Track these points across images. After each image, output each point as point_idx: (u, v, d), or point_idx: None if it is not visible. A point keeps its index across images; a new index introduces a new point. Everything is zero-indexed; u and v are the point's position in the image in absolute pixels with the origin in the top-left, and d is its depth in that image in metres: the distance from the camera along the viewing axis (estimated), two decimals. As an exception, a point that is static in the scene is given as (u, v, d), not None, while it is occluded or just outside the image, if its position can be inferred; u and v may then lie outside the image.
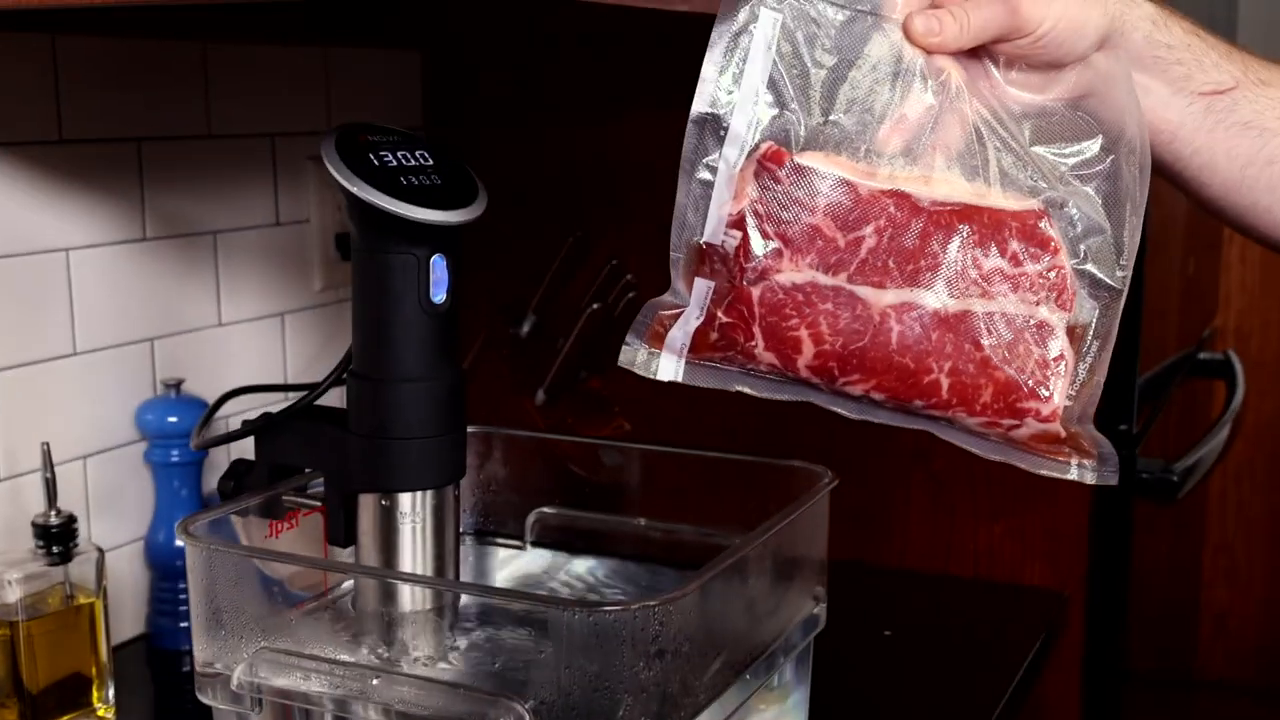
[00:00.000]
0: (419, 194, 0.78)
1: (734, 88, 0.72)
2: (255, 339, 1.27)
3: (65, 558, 0.98)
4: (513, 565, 1.00)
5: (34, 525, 0.97)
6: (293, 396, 0.94)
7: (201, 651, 0.74)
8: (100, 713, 1.01)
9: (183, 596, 1.14)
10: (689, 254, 0.72)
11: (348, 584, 0.84)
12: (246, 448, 0.88)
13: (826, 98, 0.72)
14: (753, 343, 0.71)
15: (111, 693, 1.01)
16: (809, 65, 0.72)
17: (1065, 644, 1.28)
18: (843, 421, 1.35)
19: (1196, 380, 1.87)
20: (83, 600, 0.99)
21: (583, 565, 0.99)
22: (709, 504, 0.96)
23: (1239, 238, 2.87)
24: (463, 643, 0.80)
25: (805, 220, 0.71)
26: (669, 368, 0.72)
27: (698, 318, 0.72)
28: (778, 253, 0.71)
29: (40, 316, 1.07)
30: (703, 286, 0.72)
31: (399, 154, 0.81)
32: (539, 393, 1.33)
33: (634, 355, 0.72)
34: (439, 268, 0.80)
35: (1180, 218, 1.67)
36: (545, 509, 1.00)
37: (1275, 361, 2.53)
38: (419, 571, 0.80)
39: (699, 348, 0.72)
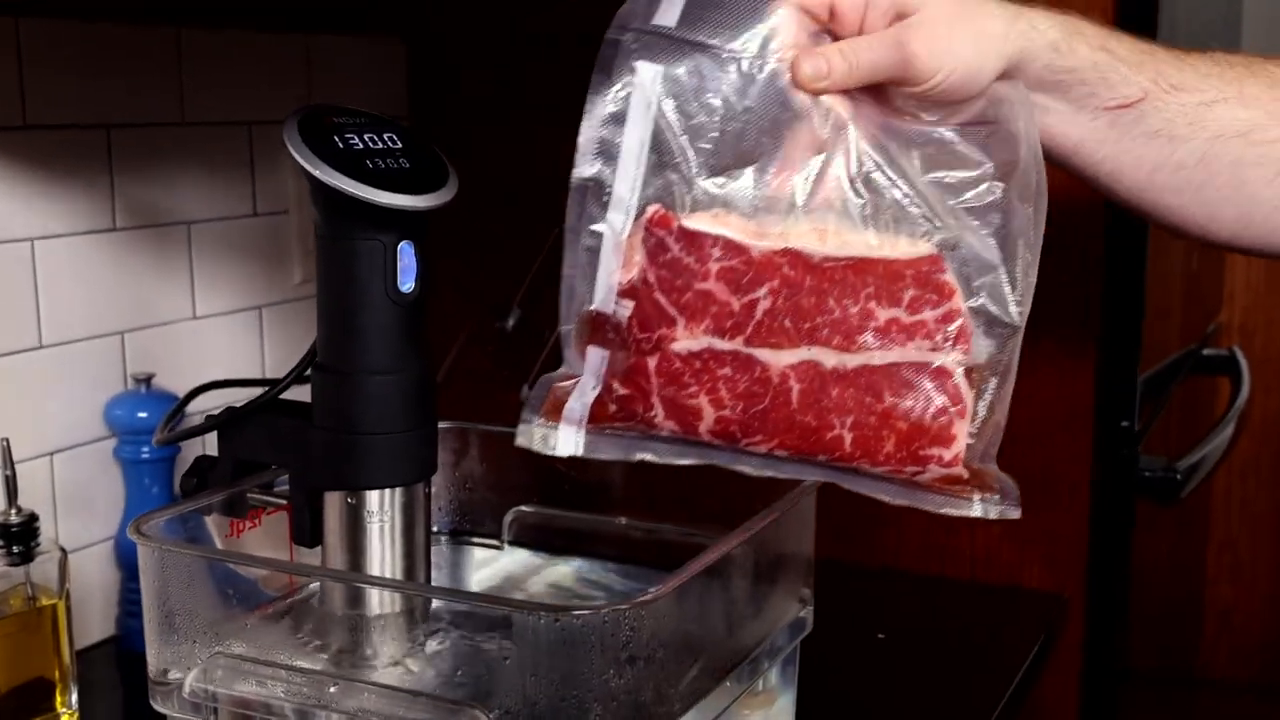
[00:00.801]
0: (386, 178, 0.74)
1: (614, 150, 0.69)
2: (231, 333, 1.24)
3: (26, 558, 0.94)
4: (490, 566, 0.97)
5: (-8, 524, 0.94)
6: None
7: (155, 657, 0.71)
8: (64, 718, 0.97)
9: (153, 598, 1.11)
10: (580, 324, 0.70)
11: (312, 585, 0.80)
12: (215, 444, 0.85)
13: (713, 153, 0.69)
14: (652, 413, 0.69)
15: (75, 697, 0.98)
16: (692, 120, 0.69)
17: (1063, 647, 1.24)
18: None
19: (1200, 377, 1.84)
20: (45, 602, 0.96)
21: (562, 566, 0.95)
22: (692, 502, 0.92)
23: (1243, 234, 2.79)
24: (431, 647, 0.76)
25: (698, 286, 0.68)
26: (568, 441, 0.69)
27: (594, 387, 0.69)
28: (671, 321, 0.68)
29: (4, 308, 1.03)
30: (596, 356, 0.70)
31: (366, 136, 0.77)
32: (524, 388, 1.29)
33: (531, 434, 0.70)
34: (407, 255, 0.76)
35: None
36: (523, 508, 0.97)
37: (1280, 358, 2.50)
38: (387, 573, 0.77)
39: (598, 417, 0.69)
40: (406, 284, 0.77)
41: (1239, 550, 2.64)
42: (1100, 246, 1.19)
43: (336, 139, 0.76)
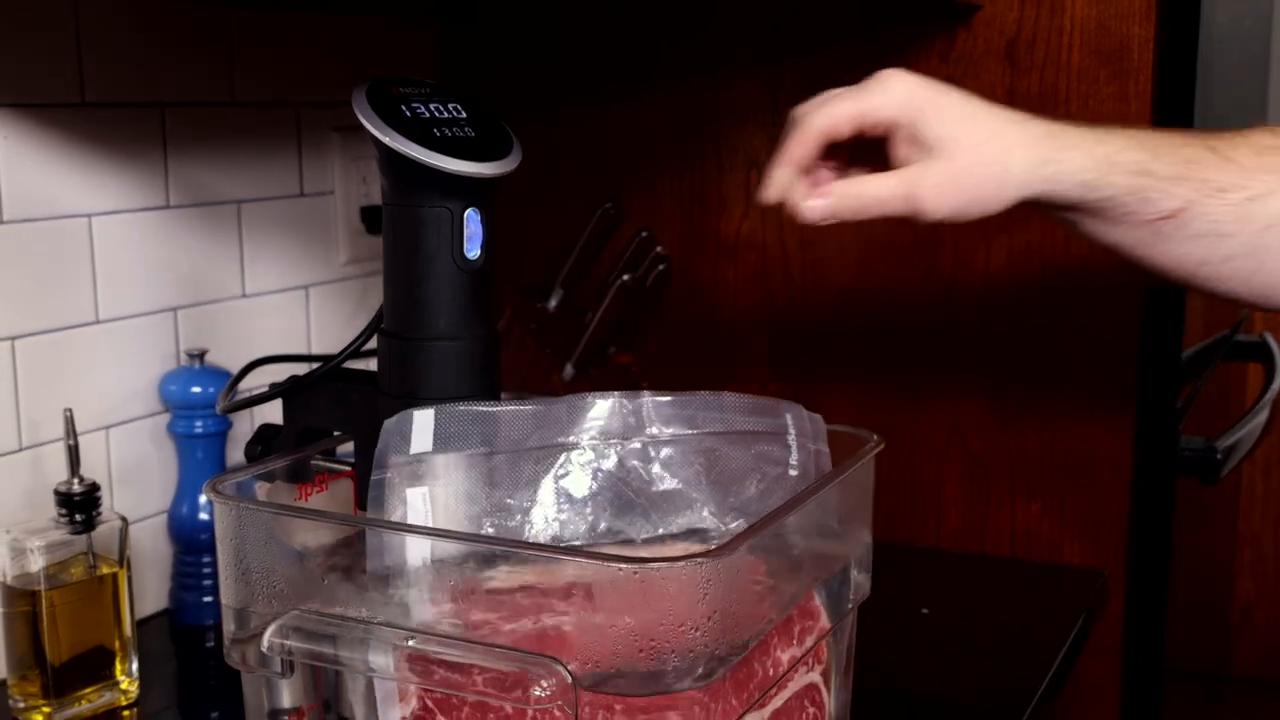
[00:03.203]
0: (452, 145, 0.76)
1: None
2: (280, 311, 1.25)
3: (88, 526, 0.96)
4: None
5: (56, 493, 0.95)
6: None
7: (230, 616, 0.72)
8: (123, 685, 0.99)
9: (206, 570, 1.12)
10: None
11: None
12: (274, 414, 0.86)
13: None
14: None
15: (135, 666, 0.99)
16: (467, 517, 0.73)
17: (1105, 626, 1.25)
18: (875, 398, 1.32)
19: (1230, 364, 1.84)
20: (106, 570, 0.97)
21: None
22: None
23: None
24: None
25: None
26: None
27: None
28: None
29: (62, 283, 1.05)
30: None
31: (432, 106, 0.78)
32: (567, 367, 1.31)
33: None
34: (473, 222, 0.78)
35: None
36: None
37: (1307, 350, 2.49)
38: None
39: None
40: (473, 251, 0.78)
41: (1263, 546, 2.63)
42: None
43: (404, 108, 0.77)
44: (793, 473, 0.76)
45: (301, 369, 0.86)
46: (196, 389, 1.11)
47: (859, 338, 1.32)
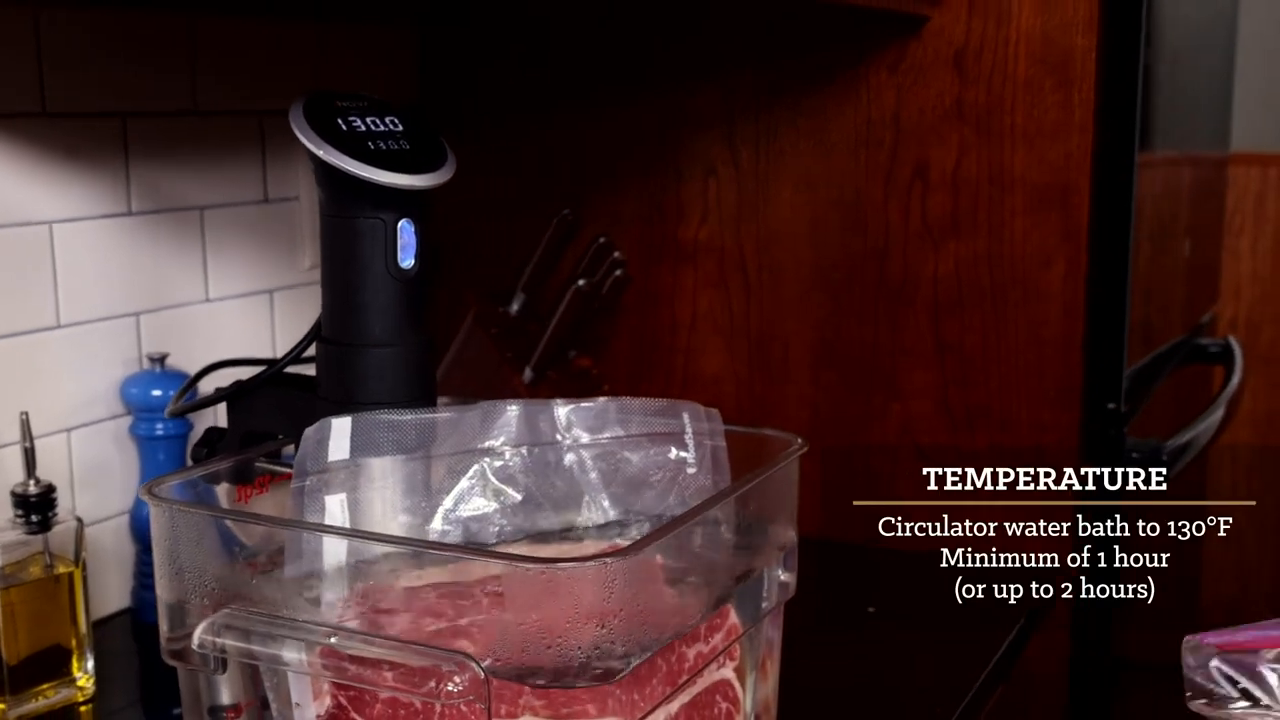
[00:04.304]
0: (386, 158, 0.78)
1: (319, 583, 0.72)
2: (243, 316, 1.28)
3: (44, 526, 0.98)
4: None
5: (12, 494, 0.98)
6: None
7: (165, 614, 0.75)
8: (80, 683, 1.01)
9: (166, 570, 1.14)
10: None
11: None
12: (225, 418, 0.89)
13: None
14: None
15: (91, 664, 1.02)
16: (390, 519, 0.76)
17: (1053, 624, 1.27)
18: (829, 399, 1.35)
19: (1200, 368, 1.86)
20: (62, 570, 0.99)
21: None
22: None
23: (1249, 228, 2.82)
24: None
25: (384, 694, 0.68)
26: None
27: None
28: None
29: (23, 288, 1.07)
30: None
31: (368, 119, 0.81)
32: (526, 371, 1.33)
33: None
34: (406, 232, 0.80)
35: (1184, 197, 1.66)
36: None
37: (1287, 353, 2.51)
38: (388, 538, 0.80)
39: None
40: (406, 260, 0.80)
41: (1245, 547, 2.65)
42: (1086, 223, 1.22)
43: (340, 121, 0.79)
44: (690, 470, 0.79)
45: (249, 373, 0.89)
46: (157, 392, 1.14)
47: (814, 341, 1.34)
